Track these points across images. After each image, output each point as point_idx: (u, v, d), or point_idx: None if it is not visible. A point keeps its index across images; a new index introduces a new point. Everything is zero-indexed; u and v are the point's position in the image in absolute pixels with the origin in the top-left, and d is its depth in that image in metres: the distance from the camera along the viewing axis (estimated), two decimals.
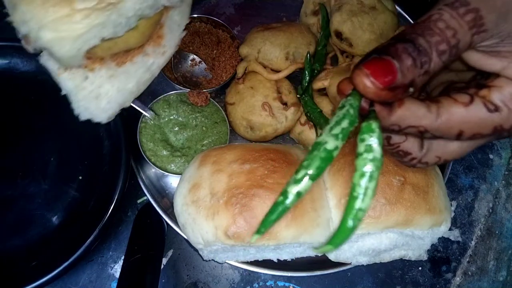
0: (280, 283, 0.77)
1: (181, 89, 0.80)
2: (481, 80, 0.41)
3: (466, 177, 0.88)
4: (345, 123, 0.37)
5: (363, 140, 0.37)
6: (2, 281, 0.63)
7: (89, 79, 0.57)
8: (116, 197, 0.66)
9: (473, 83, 0.42)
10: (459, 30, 0.34)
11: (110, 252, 0.77)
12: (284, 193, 0.37)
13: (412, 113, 0.37)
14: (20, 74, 0.74)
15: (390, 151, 0.46)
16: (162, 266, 0.75)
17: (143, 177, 0.76)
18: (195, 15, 0.86)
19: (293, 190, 0.37)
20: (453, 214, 0.65)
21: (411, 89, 0.35)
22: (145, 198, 0.80)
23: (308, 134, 0.79)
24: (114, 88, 0.59)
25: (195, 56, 0.85)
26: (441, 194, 0.62)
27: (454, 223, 0.85)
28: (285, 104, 0.78)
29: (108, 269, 0.76)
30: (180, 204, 0.61)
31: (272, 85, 0.80)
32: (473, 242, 0.84)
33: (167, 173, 0.75)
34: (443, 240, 0.82)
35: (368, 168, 0.37)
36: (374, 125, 0.37)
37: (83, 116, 0.59)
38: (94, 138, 0.74)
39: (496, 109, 0.37)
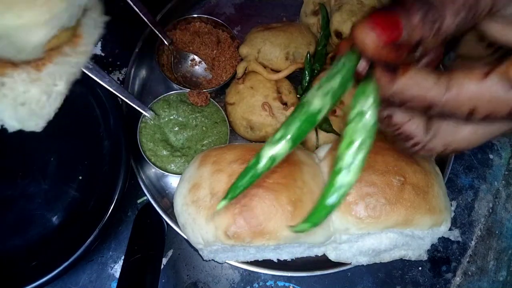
0: (280, 283, 0.77)
1: (181, 89, 0.80)
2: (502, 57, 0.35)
3: (466, 177, 0.88)
4: (335, 82, 0.31)
5: (355, 104, 0.32)
6: (2, 281, 0.63)
7: (7, 85, 0.53)
8: (116, 197, 0.66)
9: (492, 58, 0.37)
10: None
11: (110, 252, 0.77)
12: (258, 157, 0.33)
13: (417, 82, 0.33)
14: None
15: (391, 133, 0.40)
16: (162, 266, 0.75)
17: (143, 177, 0.76)
18: (195, 15, 0.86)
19: (268, 153, 0.33)
20: (453, 214, 0.65)
21: (418, 53, 0.32)
22: (145, 198, 0.80)
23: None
24: (42, 92, 0.56)
25: (195, 56, 0.85)
26: (441, 194, 0.62)
27: (454, 223, 0.85)
28: (285, 104, 0.78)
29: (108, 269, 0.76)
30: (180, 204, 0.61)
31: (272, 85, 0.80)
32: (473, 242, 0.84)
33: (167, 173, 0.75)
34: (443, 240, 0.82)
35: (358, 136, 0.32)
36: (371, 87, 0.32)
37: (12, 127, 0.52)
38: (94, 138, 0.74)
39: None
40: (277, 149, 0.32)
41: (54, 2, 0.48)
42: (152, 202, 0.73)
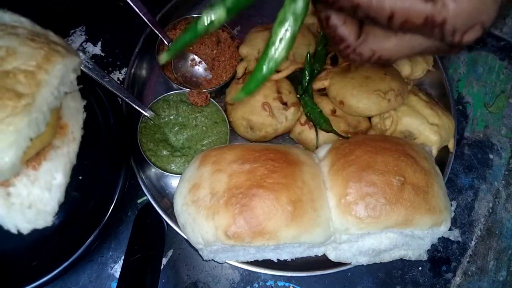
0: (280, 283, 0.77)
1: (181, 89, 0.80)
2: None
3: (466, 177, 0.88)
4: None
5: None
6: (2, 281, 0.63)
7: (13, 194, 0.55)
8: (116, 197, 0.66)
9: None
10: None
11: (110, 252, 0.77)
12: (199, 19, 0.38)
13: None
14: None
15: (328, 35, 0.44)
16: (162, 266, 0.75)
17: (143, 177, 0.76)
18: (195, 15, 0.86)
19: (206, 17, 0.38)
20: (453, 214, 0.65)
21: None
22: (145, 198, 0.80)
23: (308, 134, 0.79)
24: (44, 190, 0.57)
25: (195, 56, 0.85)
26: (441, 194, 0.62)
27: (454, 223, 0.85)
28: (285, 104, 0.78)
29: (108, 269, 0.76)
30: (180, 204, 0.61)
31: (272, 85, 0.80)
32: (473, 242, 0.84)
33: (167, 173, 0.75)
34: (443, 240, 0.82)
35: (289, 17, 0.37)
36: None
37: (25, 229, 0.56)
38: (94, 138, 0.74)
39: (432, 0, 0.36)
40: (213, 13, 0.38)
41: (19, 118, 0.48)
42: (152, 202, 0.73)
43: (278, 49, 0.38)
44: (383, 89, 0.74)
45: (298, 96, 0.80)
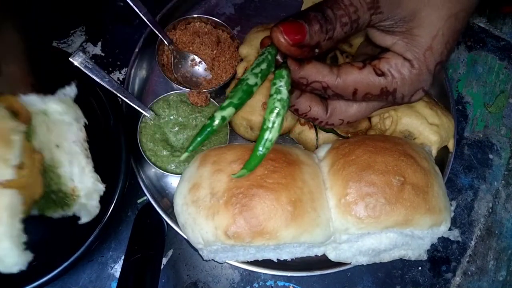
0: (280, 283, 0.77)
1: (181, 89, 0.80)
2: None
3: (466, 177, 0.88)
4: (264, 66, 0.46)
5: (274, 84, 0.46)
6: (2, 281, 0.63)
7: None
8: (116, 197, 0.66)
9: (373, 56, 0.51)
10: (360, 8, 0.43)
11: (110, 252, 0.77)
12: (212, 118, 0.46)
13: (317, 70, 0.46)
14: None
15: (303, 118, 0.55)
16: (162, 266, 0.75)
17: (143, 177, 0.76)
18: (195, 15, 0.86)
19: (219, 115, 0.45)
20: (453, 214, 0.65)
21: (317, 50, 0.44)
22: (145, 198, 0.80)
23: (308, 134, 0.79)
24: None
25: (195, 56, 0.85)
26: (441, 194, 0.62)
27: (454, 223, 0.85)
28: None
29: (108, 269, 0.76)
30: (180, 204, 0.61)
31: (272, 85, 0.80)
32: (472, 242, 0.84)
33: (167, 173, 0.75)
34: (443, 240, 0.82)
35: (277, 106, 0.46)
36: (284, 72, 0.45)
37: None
38: (94, 138, 0.74)
39: (383, 74, 0.47)
40: (226, 112, 0.45)
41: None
42: (152, 202, 0.73)
43: (271, 132, 0.47)
44: None
45: None
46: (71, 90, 0.67)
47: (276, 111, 0.46)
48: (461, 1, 0.44)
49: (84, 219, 0.64)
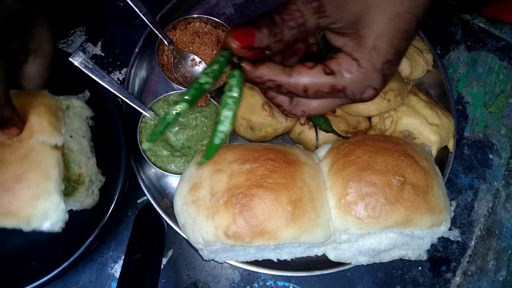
0: (280, 283, 0.77)
1: (181, 89, 0.80)
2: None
3: (466, 177, 0.88)
4: (215, 67, 0.50)
5: (229, 82, 0.51)
6: (2, 281, 0.63)
7: None
8: (116, 197, 0.66)
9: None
10: (305, 13, 0.46)
11: (110, 252, 0.77)
12: (167, 112, 0.50)
13: (271, 70, 0.51)
14: None
15: (270, 101, 0.59)
16: (162, 266, 0.75)
17: (143, 177, 0.76)
18: (195, 15, 0.86)
19: (173, 110, 0.50)
20: (453, 214, 0.66)
21: (268, 52, 0.48)
22: (145, 198, 0.80)
23: (308, 134, 0.79)
24: None
25: (195, 56, 0.85)
26: (441, 194, 0.62)
27: (454, 223, 0.85)
28: None
29: (108, 269, 0.76)
30: (180, 204, 0.61)
31: None
32: (472, 242, 0.84)
33: (167, 173, 0.75)
34: (443, 240, 0.82)
35: (230, 101, 0.51)
36: (236, 73, 0.51)
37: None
38: (94, 138, 0.74)
39: (332, 73, 0.50)
40: (179, 107, 0.50)
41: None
42: (152, 202, 0.73)
43: (224, 125, 0.52)
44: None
45: None
46: (85, 94, 0.74)
47: (228, 106, 0.51)
48: (405, 3, 0.46)
49: (83, 206, 0.68)
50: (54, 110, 0.62)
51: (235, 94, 0.51)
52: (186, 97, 0.50)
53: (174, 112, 0.50)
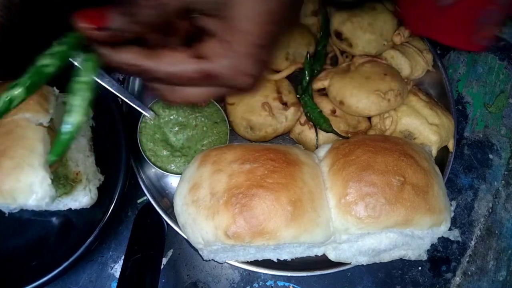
0: (280, 283, 0.77)
1: None
2: None
3: (466, 177, 0.88)
4: (63, 47, 0.46)
5: (84, 67, 0.47)
6: (2, 281, 0.63)
7: None
8: (116, 197, 0.66)
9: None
10: None
11: (110, 252, 0.77)
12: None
13: (134, 54, 0.46)
14: None
15: (147, 86, 0.54)
16: (162, 266, 0.75)
17: (143, 177, 0.76)
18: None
19: (5, 96, 0.45)
20: (453, 214, 0.65)
21: (126, 34, 0.45)
22: (145, 198, 0.80)
23: (308, 134, 0.79)
24: None
25: None
26: (440, 194, 0.62)
27: (454, 223, 0.85)
28: (285, 104, 0.78)
29: (108, 269, 0.76)
30: (180, 204, 0.61)
31: (272, 85, 0.80)
32: (472, 242, 0.84)
33: (167, 173, 0.75)
34: (443, 240, 0.82)
35: (81, 89, 0.47)
36: (91, 57, 0.47)
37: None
38: (96, 137, 0.74)
39: (202, 57, 0.46)
40: (13, 92, 0.45)
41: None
42: (152, 202, 0.73)
43: (73, 116, 0.48)
44: (383, 89, 0.74)
45: (298, 96, 0.80)
46: None
47: (79, 93, 0.47)
48: None
49: (81, 205, 0.67)
50: (43, 92, 0.62)
51: (86, 79, 0.47)
52: (21, 80, 0.45)
53: (7, 98, 0.45)
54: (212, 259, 0.65)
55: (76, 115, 0.47)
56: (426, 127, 0.76)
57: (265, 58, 0.48)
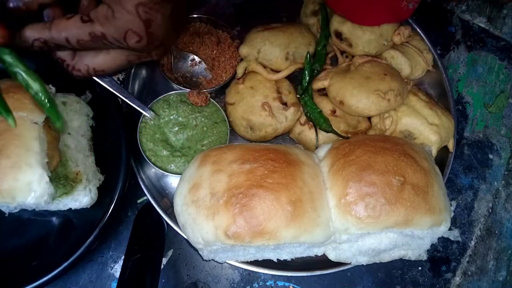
0: (280, 283, 0.77)
1: (181, 89, 0.80)
2: None
3: (466, 177, 0.88)
4: None
5: (4, 60, 0.51)
6: (2, 281, 0.63)
7: None
8: (116, 197, 0.66)
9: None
10: None
11: (110, 252, 0.77)
12: None
13: (34, 30, 0.52)
14: None
15: (52, 58, 0.59)
16: (162, 266, 0.75)
17: (143, 177, 0.76)
18: (195, 15, 0.86)
19: None
20: (453, 214, 0.65)
21: (14, 6, 0.48)
22: (145, 198, 0.80)
23: (308, 134, 0.79)
24: None
25: (195, 56, 0.85)
26: (440, 194, 0.62)
27: (454, 223, 0.85)
28: (285, 104, 0.78)
29: (108, 269, 0.76)
30: (180, 204, 0.61)
31: (272, 85, 0.80)
32: (472, 242, 0.84)
33: (167, 173, 0.75)
34: (443, 240, 0.82)
35: (26, 77, 0.53)
36: (2, 50, 0.50)
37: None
38: (94, 137, 0.74)
39: (89, 20, 0.51)
40: None
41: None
42: (152, 202, 0.73)
43: (34, 85, 0.53)
44: (383, 89, 0.74)
45: (298, 96, 0.80)
46: (87, 95, 0.76)
47: (33, 78, 0.53)
48: None
49: (81, 205, 0.68)
50: None
51: (19, 68, 0.51)
52: None
53: None
54: (212, 259, 0.65)
55: (35, 84, 0.53)
56: (426, 127, 0.76)
57: (152, 18, 0.51)
